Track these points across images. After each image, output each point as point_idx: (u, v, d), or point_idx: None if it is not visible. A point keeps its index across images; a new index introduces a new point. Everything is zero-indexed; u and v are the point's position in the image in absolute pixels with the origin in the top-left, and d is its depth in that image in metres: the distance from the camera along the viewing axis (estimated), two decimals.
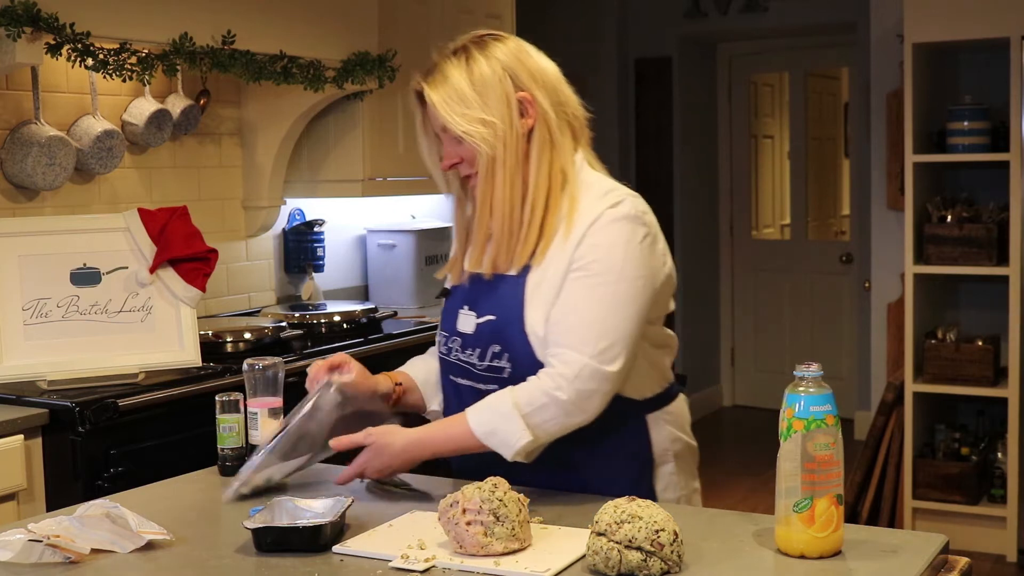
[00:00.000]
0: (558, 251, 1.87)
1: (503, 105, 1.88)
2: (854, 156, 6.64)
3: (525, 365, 1.87)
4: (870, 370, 5.68)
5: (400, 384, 2.07)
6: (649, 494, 1.95)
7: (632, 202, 1.90)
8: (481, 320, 1.92)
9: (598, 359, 1.81)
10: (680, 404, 2.05)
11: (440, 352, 2.03)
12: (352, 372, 1.98)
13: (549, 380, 1.82)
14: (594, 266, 1.84)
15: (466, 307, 1.96)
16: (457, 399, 1.98)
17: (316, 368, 2.00)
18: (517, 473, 1.82)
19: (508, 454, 1.82)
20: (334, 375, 1.97)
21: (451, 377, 2.00)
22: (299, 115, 3.79)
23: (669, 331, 2.01)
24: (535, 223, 1.89)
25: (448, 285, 2.07)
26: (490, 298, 1.92)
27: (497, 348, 1.90)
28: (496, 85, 1.88)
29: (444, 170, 1.96)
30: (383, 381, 2.04)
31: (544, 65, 1.96)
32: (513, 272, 1.91)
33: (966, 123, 4.48)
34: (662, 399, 1.99)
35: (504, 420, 1.81)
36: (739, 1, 6.47)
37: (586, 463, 1.92)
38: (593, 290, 1.83)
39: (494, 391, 1.88)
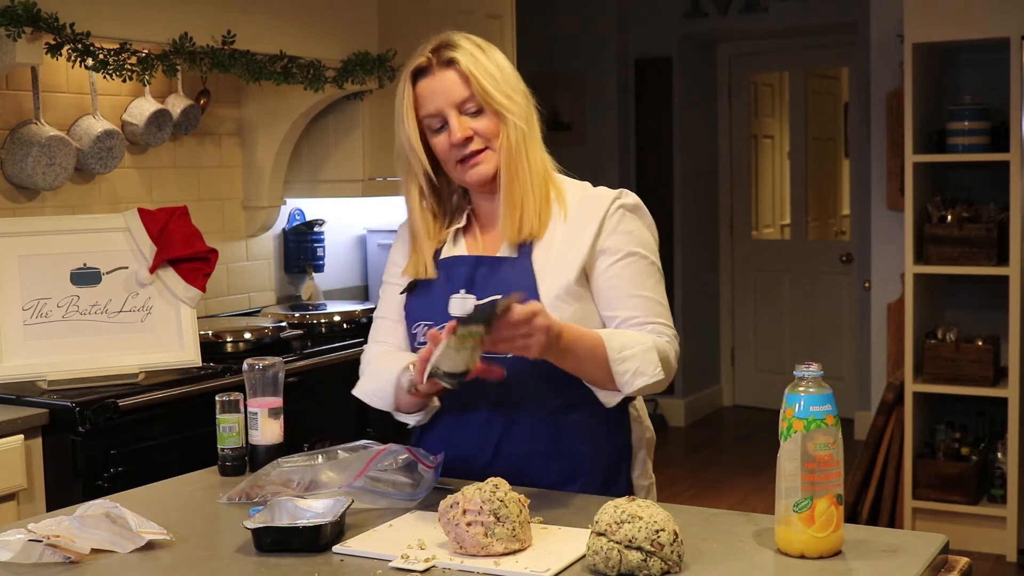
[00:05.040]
0: (558, 230, 1.94)
1: (521, 86, 1.97)
2: (854, 156, 6.64)
3: None
4: (870, 370, 5.68)
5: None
6: (627, 481, 2.02)
7: (630, 191, 2.01)
8: (483, 301, 1.92)
9: (675, 330, 1.95)
10: (640, 397, 2.08)
11: (422, 343, 1.95)
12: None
13: (666, 342, 1.89)
14: (640, 250, 1.94)
15: (462, 291, 1.96)
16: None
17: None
18: (506, 461, 1.88)
19: (634, 383, 1.83)
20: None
21: None
22: (299, 115, 3.79)
23: None
24: (550, 198, 1.97)
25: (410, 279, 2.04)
26: (490, 279, 1.95)
27: None
28: (510, 70, 1.97)
29: (456, 143, 1.93)
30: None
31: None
32: (509, 254, 1.96)
33: (966, 123, 4.48)
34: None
35: (645, 352, 1.84)
36: (739, 1, 6.47)
37: (575, 450, 1.95)
38: (648, 269, 1.94)
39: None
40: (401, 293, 2.04)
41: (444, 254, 2.02)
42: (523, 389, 1.92)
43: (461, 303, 1.94)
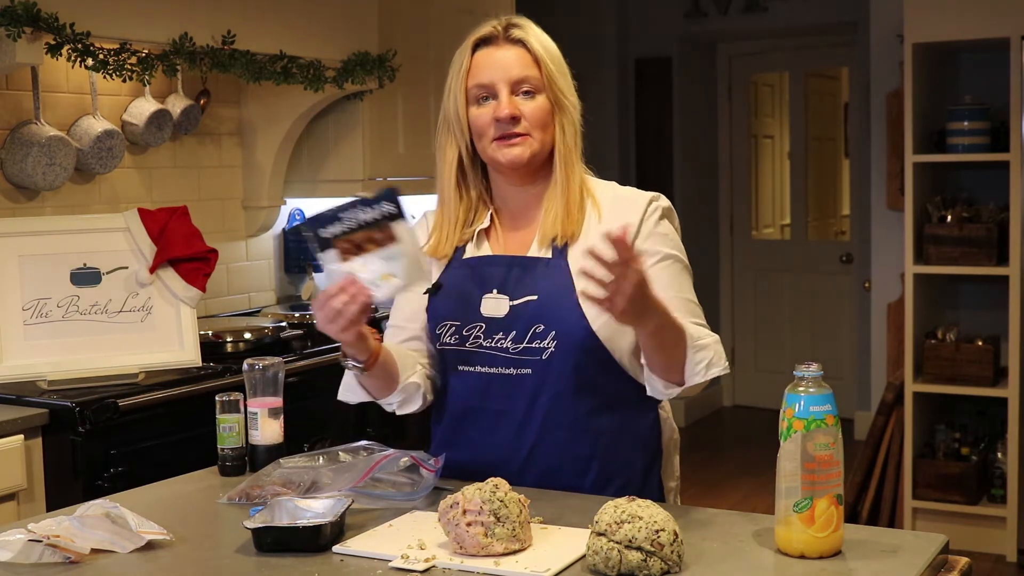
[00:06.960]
0: (592, 231, 1.89)
1: (571, 82, 1.95)
2: (854, 156, 6.65)
3: (571, 341, 1.85)
4: (870, 370, 5.68)
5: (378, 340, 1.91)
6: (658, 482, 2.01)
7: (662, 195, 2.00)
8: (517, 302, 1.89)
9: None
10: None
11: (447, 343, 1.94)
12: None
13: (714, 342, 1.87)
14: (676, 252, 1.93)
15: (494, 291, 1.91)
16: (479, 388, 1.93)
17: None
18: (546, 463, 1.88)
19: (708, 372, 1.81)
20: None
21: (463, 367, 1.94)
22: (299, 115, 3.79)
23: None
24: (584, 197, 1.95)
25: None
26: (525, 280, 1.90)
27: (540, 328, 1.87)
28: (562, 62, 1.94)
29: (501, 118, 1.88)
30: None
31: None
32: (542, 254, 1.91)
33: (966, 123, 4.48)
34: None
35: (716, 344, 1.85)
36: (739, 1, 6.47)
37: (610, 454, 1.93)
38: (684, 272, 1.93)
39: (528, 375, 1.88)
40: (424, 294, 1.98)
41: (469, 254, 1.97)
42: (556, 393, 1.89)
43: (495, 303, 1.91)
